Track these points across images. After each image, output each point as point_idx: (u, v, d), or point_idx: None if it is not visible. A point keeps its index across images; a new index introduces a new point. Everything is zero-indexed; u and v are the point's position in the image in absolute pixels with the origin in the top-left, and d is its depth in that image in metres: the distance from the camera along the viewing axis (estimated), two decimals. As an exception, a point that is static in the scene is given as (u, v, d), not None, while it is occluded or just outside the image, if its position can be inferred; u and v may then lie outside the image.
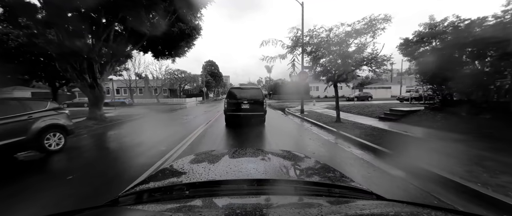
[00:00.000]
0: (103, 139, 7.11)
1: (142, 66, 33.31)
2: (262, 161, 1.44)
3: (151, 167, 3.92)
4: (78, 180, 3.52)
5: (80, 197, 2.92)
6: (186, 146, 5.59)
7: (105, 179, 3.55)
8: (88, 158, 5.04)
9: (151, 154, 4.79)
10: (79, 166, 4.36)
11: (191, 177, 1.13)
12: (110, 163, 4.56)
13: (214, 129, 8.25)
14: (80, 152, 5.46)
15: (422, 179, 3.20)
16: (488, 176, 3.02)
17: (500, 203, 2.41)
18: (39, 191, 3.13)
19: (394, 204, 0.84)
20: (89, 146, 6.27)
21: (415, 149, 4.57)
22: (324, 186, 1.03)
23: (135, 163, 4.28)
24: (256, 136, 6.74)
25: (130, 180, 3.22)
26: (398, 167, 3.75)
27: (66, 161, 4.76)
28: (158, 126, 9.42)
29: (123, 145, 6.04)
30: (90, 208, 0.85)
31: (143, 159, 4.47)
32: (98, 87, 9.62)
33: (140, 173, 3.56)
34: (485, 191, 2.62)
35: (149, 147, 5.53)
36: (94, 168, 4.17)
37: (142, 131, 8.28)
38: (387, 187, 3.17)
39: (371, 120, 9.13)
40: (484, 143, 4.64)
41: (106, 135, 7.64)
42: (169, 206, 0.83)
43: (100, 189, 3.16)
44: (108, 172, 3.95)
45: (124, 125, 9.48)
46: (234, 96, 8.47)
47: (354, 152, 4.92)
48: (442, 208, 0.79)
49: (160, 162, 4.22)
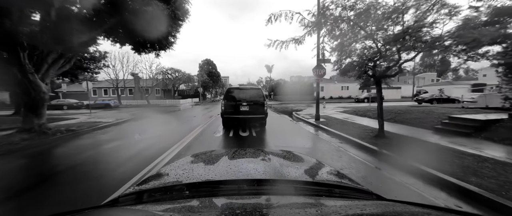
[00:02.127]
0: (14, 172, 4.24)
1: (130, 64, 30.38)
2: (262, 161, 1.40)
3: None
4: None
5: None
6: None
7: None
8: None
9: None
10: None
11: (191, 177, 1.09)
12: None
13: (201, 145, 5.49)
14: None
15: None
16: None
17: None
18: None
19: (394, 204, 0.84)
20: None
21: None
22: (324, 186, 1.02)
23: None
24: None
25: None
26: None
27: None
28: (119, 145, 6.56)
29: (30, 186, 3.17)
30: (90, 208, 0.84)
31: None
32: (32, 86, 6.69)
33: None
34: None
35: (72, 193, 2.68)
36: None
37: (86, 156, 5.41)
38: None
39: (429, 133, 6.28)
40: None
41: (24, 164, 4.76)
42: (169, 206, 0.82)
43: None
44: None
45: (72, 143, 6.51)
46: (232, 97, 7.76)
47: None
48: (442, 208, 0.81)
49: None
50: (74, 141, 6.71)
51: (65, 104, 23.66)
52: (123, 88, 29.08)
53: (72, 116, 13.93)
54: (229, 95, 7.85)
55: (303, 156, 1.58)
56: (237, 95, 7.81)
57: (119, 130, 8.74)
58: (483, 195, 2.55)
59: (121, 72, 28.06)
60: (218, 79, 54.98)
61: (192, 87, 43.34)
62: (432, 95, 21.42)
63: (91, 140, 6.90)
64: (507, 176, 3.03)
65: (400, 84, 42.36)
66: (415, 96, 34.23)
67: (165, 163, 4.18)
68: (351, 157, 4.56)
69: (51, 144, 6.23)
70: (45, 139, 6.63)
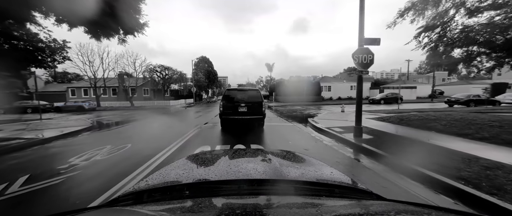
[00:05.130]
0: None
1: (112, 59, 26.02)
2: (262, 161, 1.37)
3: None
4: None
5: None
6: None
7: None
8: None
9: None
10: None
11: (191, 177, 1.09)
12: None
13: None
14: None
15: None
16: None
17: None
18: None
19: (394, 204, 0.83)
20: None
21: None
22: (324, 186, 1.01)
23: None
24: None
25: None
26: None
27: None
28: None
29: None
30: (90, 209, 0.86)
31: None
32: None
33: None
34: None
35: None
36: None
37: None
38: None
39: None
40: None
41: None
42: (169, 206, 0.82)
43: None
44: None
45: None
46: (230, 99, 7.92)
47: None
48: (442, 208, 0.79)
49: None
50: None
51: (30, 107, 19.93)
52: (103, 88, 25.27)
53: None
54: (228, 96, 7.98)
55: (303, 156, 1.55)
56: (235, 96, 7.92)
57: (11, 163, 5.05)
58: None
59: (101, 68, 24.27)
60: (214, 78, 51.23)
61: (185, 87, 39.61)
62: (469, 95, 17.84)
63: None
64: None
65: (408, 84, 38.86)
66: (431, 96, 30.66)
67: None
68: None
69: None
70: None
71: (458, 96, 18.53)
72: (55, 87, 31.51)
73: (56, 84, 34.01)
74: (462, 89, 37.25)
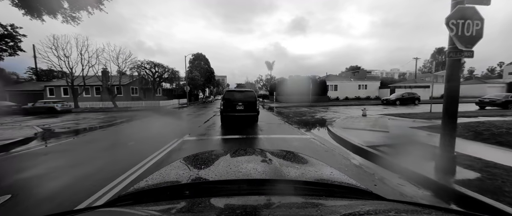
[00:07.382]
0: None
1: (92, 53, 22.50)
2: (262, 161, 1.35)
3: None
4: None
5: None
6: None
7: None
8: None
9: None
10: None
11: (191, 177, 1.06)
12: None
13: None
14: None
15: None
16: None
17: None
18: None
19: (394, 204, 0.83)
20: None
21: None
22: (324, 186, 1.01)
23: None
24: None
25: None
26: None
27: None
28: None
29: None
30: (90, 209, 0.85)
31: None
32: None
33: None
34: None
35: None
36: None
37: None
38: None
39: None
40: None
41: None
42: (169, 206, 0.80)
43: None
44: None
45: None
46: (229, 98, 9.00)
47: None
48: (442, 208, 0.78)
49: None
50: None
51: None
52: (83, 86, 22.29)
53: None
54: (227, 96, 9.14)
55: (303, 156, 1.54)
56: (234, 96, 9.12)
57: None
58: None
59: (80, 65, 21.30)
60: (211, 76, 48.29)
61: (180, 86, 36.69)
62: (506, 95, 15.20)
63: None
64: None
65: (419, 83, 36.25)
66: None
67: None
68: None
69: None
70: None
71: (492, 96, 15.87)
72: (33, 85, 28.46)
73: (35, 82, 30.94)
74: (477, 89, 34.76)
